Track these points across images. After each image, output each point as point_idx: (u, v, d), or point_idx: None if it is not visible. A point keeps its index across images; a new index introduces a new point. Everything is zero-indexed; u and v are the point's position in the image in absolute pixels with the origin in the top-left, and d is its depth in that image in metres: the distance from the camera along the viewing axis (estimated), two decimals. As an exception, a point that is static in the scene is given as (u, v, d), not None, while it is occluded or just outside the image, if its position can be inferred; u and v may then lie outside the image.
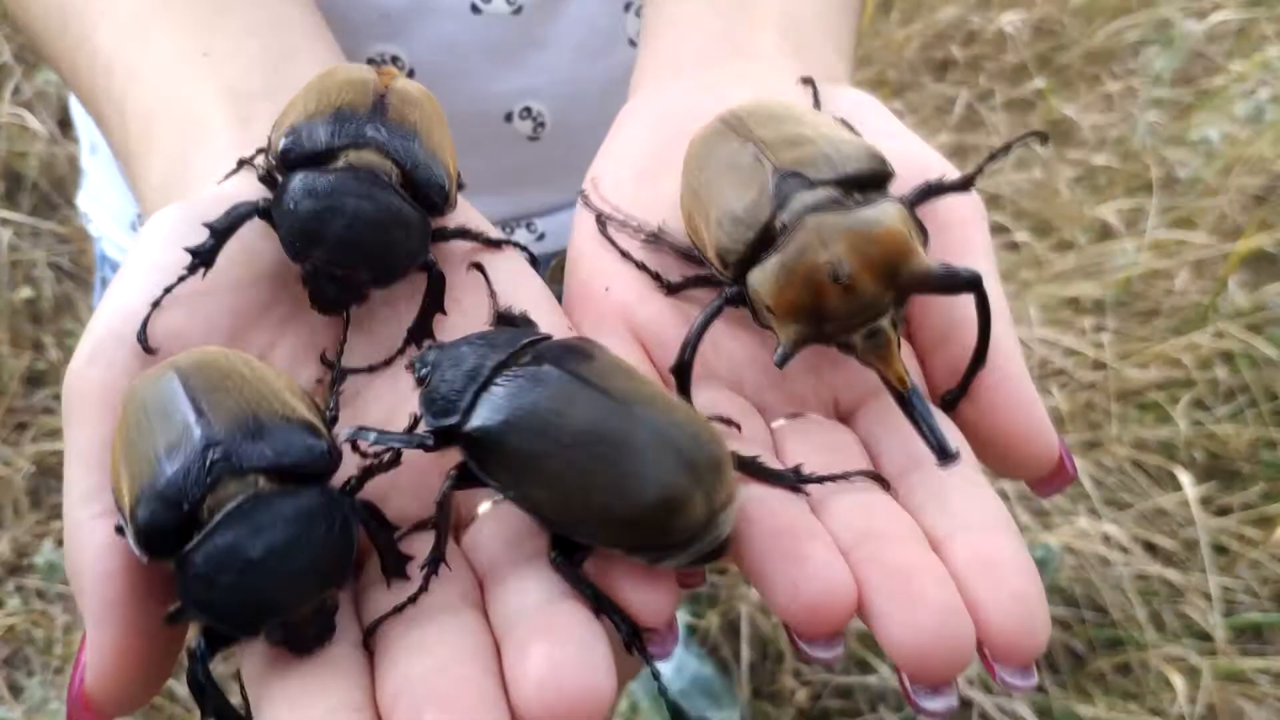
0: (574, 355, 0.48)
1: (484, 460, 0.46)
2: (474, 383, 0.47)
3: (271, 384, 0.48)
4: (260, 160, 0.57)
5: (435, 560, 0.46)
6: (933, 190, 0.56)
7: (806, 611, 0.43)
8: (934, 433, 0.49)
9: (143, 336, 0.50)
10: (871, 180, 0.53)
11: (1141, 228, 2.21)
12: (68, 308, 2.26)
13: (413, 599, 0.45)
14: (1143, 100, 2.56)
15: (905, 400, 0.50)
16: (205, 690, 0.46)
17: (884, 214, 0.50)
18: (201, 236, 0.53)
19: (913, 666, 0.42)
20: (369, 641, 0.46)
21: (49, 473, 2.02)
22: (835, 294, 0.49)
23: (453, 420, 0.46)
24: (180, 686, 1.70)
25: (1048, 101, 2.60)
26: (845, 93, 0.63)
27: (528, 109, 0.86)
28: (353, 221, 0.53)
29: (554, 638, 0.42)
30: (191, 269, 0.52)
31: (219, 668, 0.47)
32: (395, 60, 0.82)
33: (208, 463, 0.45)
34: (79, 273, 2.31)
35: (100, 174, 0.98)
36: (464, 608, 0.46)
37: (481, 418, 0.46)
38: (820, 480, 0.48)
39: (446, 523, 0.46)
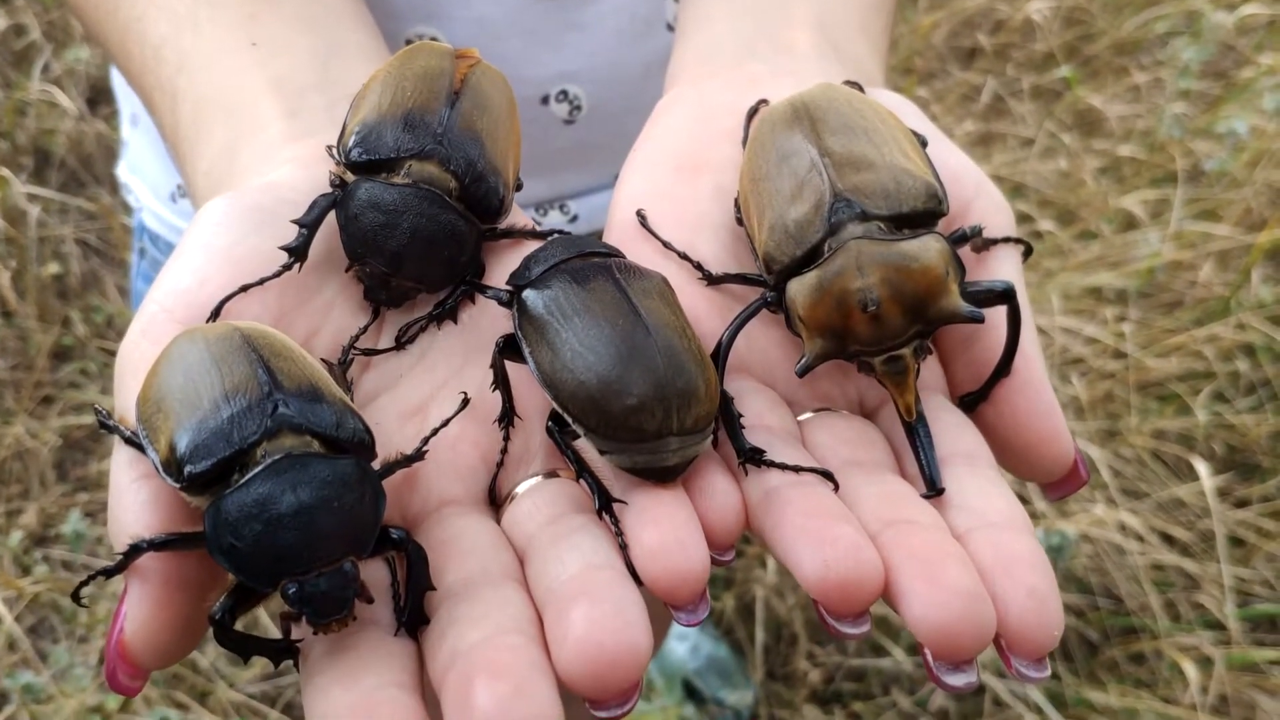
0: (629, 271, 0.55)
1: (524, 318, 0.53)
2: (545, 264, 0.55)
3: (320, 369, 0.51)
4: (334, 152, 0.59)
5: (507, 414, 0.54)
6: (985, 243, 0.58)
7: (836, 589, 0.45)
8: (930, 465, 0.51)
9: (216, 317, 0.53)
10: (924, 216, 0.55)
11: (1166, 219, 2.21)
12: (94, 284, 2.28)
13: (503, 451, 0.54)
14: (1170, 92, 2.56)
15: (910, 428, 0.53)
16: (238, 641, 0.47)
17: (924, 250, 0.52)
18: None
19: (937, 644, 0.44)
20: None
21: (75, 446, 2.04)
22: (862, 321, 0.51)
23: (521, 281, 0.55)
24: (203, 658, 1.72)
25: (1074, 91, 2.59)
26: (881, 95, 0.64)
27: (564, 92, 0.87)
28: (411, 239, 0.56)
29: (590, 600, 0.43)
30: (287, 266, 0.55)
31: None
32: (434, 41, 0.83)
33: (272, 411, 0.47)
34: (106, 249, 2.33)
35: (141, 145, 0.99)
36: (505, 582, 0.48)
37: (536, 284, 0.54)
38: (777, 465, 0.50)
39: (505, 382, 0.54)
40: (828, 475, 0.50)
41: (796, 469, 0.50)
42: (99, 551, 1.88)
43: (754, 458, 0.50)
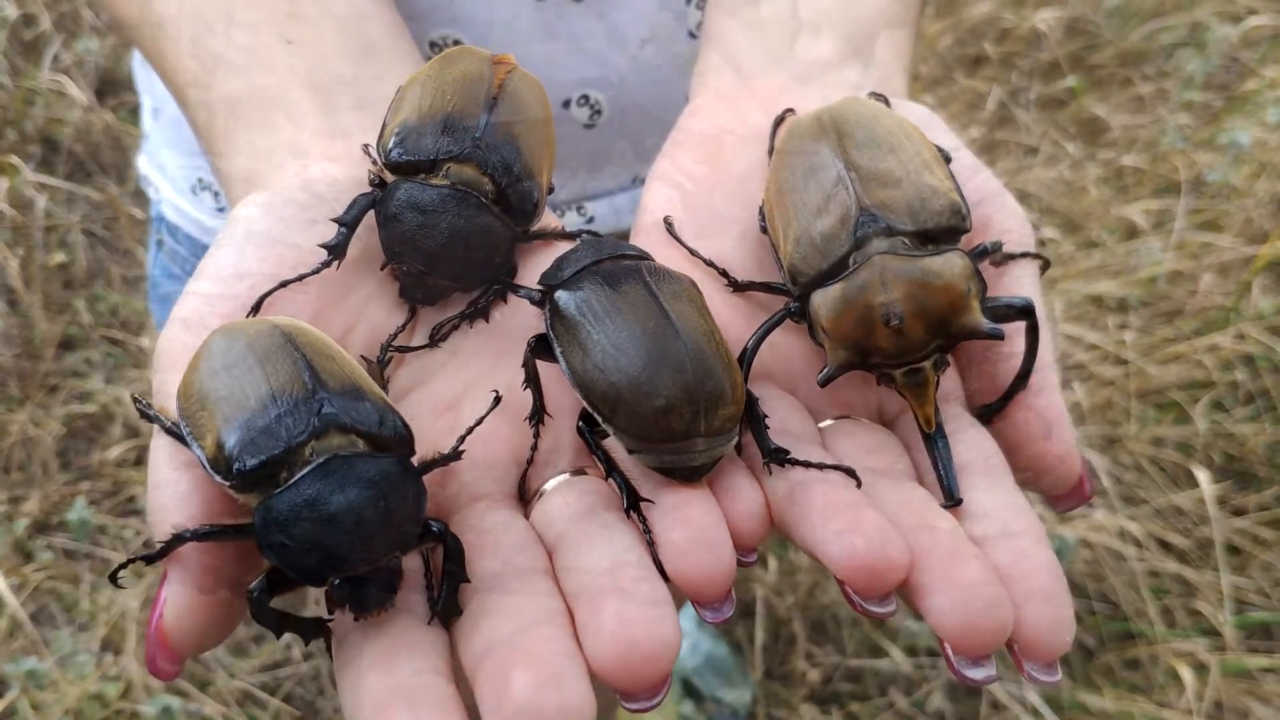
0: (659, 274, 0.55)
1: (556, 319, 0.54)
2: (577, 265, 0.56)
3: (358, 367, 0.52)
4: (372, 151, 0.61)
5: (537, 412, 0.55)
6: (1004, 258, 0.59)
7: (863, 570, 0.46)
8: (948, 476, 0.53)
9: (256, 311, 0.54)
10: (948, 232, 0.56)
11: (1168, 229, 2.22)
12: (100, 273, 2.28)
13: (533, 449, 0.55)
14: (1174, 103, 2.57)
15: (929, 439, 0.54)
16: (274, 618, 0.48)
17: (948, 267, 0.53)
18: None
19: (958, 638, 0.45)
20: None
21: (78, 434, 2.05)
22: (884, 334, 0.53)
23: (553, 281, 0.56)
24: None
25: (1079, 100, 2.60)
26: (907, 107, 0.65)
27: (585, 97, 0.88)
28: (448, 239, 0.58)
29: (623, 596, 0.44)
30: (326, 263, 0.56)
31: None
32: (457, 44, 0.83)
33: (318, 410, 0.48)
34: (112, 239, 2.34)
35: (162, 138, 1.00)
36: (536, 576, 0.49)
37: (568, 284, 0.55)
38: (801, 464, 0.51)
39: (537, 381, 0.55)
40: (850, 473, 0.51)
41: (821, 466, 0.51)
42: (101, 540, 1.88)
43: (779, 457, 0.51)
